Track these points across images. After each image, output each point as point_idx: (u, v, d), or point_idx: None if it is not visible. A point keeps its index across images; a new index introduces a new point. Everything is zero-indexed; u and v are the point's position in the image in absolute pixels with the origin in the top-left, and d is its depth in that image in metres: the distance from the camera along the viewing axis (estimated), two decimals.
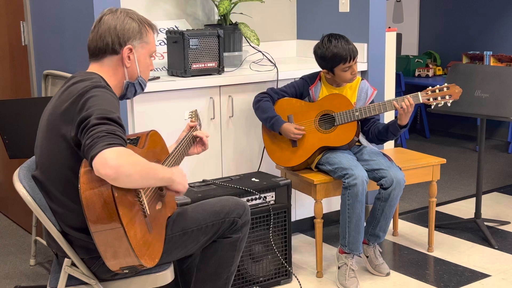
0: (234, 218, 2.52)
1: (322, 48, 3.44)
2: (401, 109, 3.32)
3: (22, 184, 2.25)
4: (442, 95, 3.35)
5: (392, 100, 3.35)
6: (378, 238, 3.51)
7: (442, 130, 7.13)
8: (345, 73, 3.43)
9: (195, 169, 3.56)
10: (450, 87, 3.36)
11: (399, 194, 3.38)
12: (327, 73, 3.49)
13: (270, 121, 3.47)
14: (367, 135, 3.56)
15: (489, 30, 6.83)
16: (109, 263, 2.14)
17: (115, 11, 2.38)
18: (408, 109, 3.31)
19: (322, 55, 3.45)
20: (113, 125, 2.08)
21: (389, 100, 3.37)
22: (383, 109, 3.38)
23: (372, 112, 3.39)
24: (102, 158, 1.98)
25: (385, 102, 3.38)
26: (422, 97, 3.34)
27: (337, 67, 3.42)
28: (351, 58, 3.40)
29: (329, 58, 3.41)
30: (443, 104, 3.38)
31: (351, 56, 3.40)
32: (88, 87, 2.20)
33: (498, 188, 5.07)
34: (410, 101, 3.31)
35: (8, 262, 3.84)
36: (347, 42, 3.42)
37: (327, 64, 3.45)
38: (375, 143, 3.58)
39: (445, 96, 3.35)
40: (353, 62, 3.41)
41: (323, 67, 3.49)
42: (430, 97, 3.35)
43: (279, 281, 3.40)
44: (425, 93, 3.36)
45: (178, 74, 3.60)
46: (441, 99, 3.35)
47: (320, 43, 3.47)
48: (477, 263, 3.68)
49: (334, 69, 3.43)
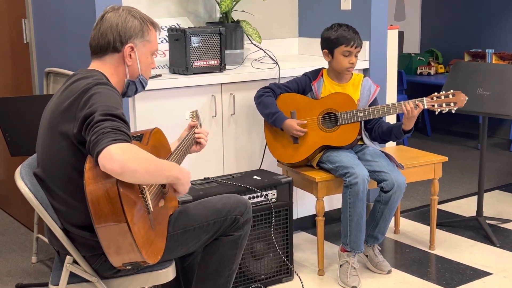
0: (235, 216, 2.52)
1: (330, 30, 3.49)
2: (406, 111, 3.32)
3: (24, 182, 2.25)
4: (447, 101, 3.35)
5: (396, 103, 3.36)
6: (376, 240, 3.51)
7: (443, 128, 7.12)
8: (343, 58, 3.45)
9: (197, 167, 3.56)
10: (455, 94, 3.35)
11: (400, 197, 3.38)
12: (326, 56, 3.51)
13: (272, 116, 3.46)
14: (370, 133, 3.56)
15: (491, 28, 6.82)
16: (112, 259, 2.14)
17: (117, 8, 2.38)
18: (413, 112, 3.31)
19: (327, 36, 3.49)
20: (118, 121, 2.08)
21: (393, 103, 3.37)
22: (387, 111, 3.38)
23: (376, 115, 3.39)
24: (108, 153, 1.98)
25: (389, 105, 3.38)
26: (427, 103, 3.35)
27: (338, 48, 3.44)
28: (354, 43, 3.43)
29: (333, 39, 3.45)
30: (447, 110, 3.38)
31: (355, 42, 3.43)
32: (90, 84, 2.20)
33: (500, 186, 5.07)
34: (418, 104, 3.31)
35: (10, 259, 3.84)
36: (356, 32, 3.47)
37: (329, 44, 3.47)
38: (378, 142, 3.58)
39: (450, 103, 3.35)
40: (354, 48, 3.43)
41: (325, 47, 3.50)
42: (435, 103, 3.35)
43: (281, 279, 3.40)
44: (430, 98, 3.36)
45: (180, 72, 3.60)
46: (445, 106, 3.35)
47: (329, 26, 3.52)
48: (478, 261, 3.68)
49: (335, 50, 3.45)
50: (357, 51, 3.46)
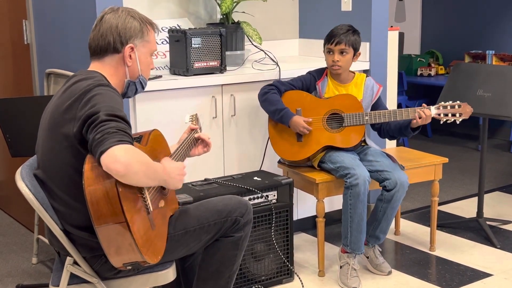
0: (236, 217, 2.53)
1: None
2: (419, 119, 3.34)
3: (24, 183, 2.25)
4: (453, 112, 3.38)
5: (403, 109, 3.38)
6: (378, 240, 3.51)
7: (444, 130, 7.12)
8: (327, 55, 3.49)
9: (197, 168, 3.56)
10: (462, 106, 3.39)
11: (402, 196, 3.38)
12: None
13: (280, 113, 3.44)
14: (378, 132, 3.59)
15: (492, 29, 6.82)
16: (112, 259, 2.14)
17: (116, 9, 2.38)
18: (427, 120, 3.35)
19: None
20: (122, 123, 2.09)
21: (400, 109, 3.39)
22: (393, 117, 3.38)
23: (382, 119, 3.39)
24: (112, 154, 1.99)
25: (396, 110, 3.40)
26: (433, 112, 3.37)
27: (325, 46, 3.49)
28: (334, 40, 3.43)
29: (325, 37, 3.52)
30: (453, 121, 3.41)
31: (335, 39, 3.43)
32: (91, 85, 2.20)
33: (500, 188, 5.07)
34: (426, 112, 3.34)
35: (10, 260, 3.84)
36: (346, 30, 3.45)
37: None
38: (387, 138, 3.61)
39: (455, 114, 3.38)
40: (334, 45, 3.43)
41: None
42: (441, 113, 3.38)
43: (281, 280, 3.40)
44: (436, 108, 3.37)
45: (180, 73, 3.60)
46: (451, 116, 3.38)
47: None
48: (479, 262, 3.68)
49: (324, 47, 3.51)
50: (339, 49, 3.43)
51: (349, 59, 3.47)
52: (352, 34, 3.45)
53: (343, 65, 3.46)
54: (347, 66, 3.49)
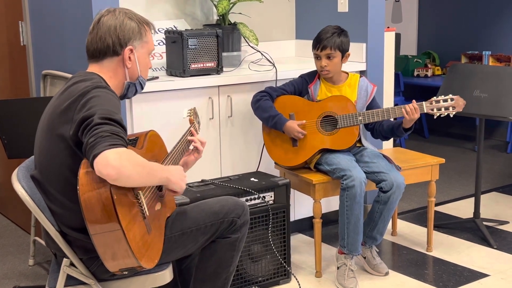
0: (233, 218, 2.52)
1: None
2: (406, 114, 3.32)
3: (21, 184, 2.25)
4: (446, 106, 3.36)
5: (396, 107, 3.36)
6: (375, 241, 3.51)
7: (441, 130, 7.13)
8: (315, 60, 3.48)
9: (194, 169, 3.54)
10: (454, 99, 3.36)
11: (399, 197, 3.38)
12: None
13: (273, 120, 3.44)
14: (371, 132, 3.58)
15: (488, 30, 6.83)
16: (108, 264, 2.14)
17: (113, 11, 2.37)
18: (413, 115, 3.31)
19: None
20: (116, 126, 2.08)
21: (393, 107, 3.38)
22: (386, 115, 3.38)
23: (376, 118, 3.38)
24: (104, 158, 1.98)
25: (389, 109, 3.38)
26: (426, 107, 3.36)
27: (312, 51, 3.47)
28: (320, 46, 3.41)
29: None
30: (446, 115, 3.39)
31: (319, 45, 3.41)
32: (89, 87, 2.20)
33: (497, 188, 5.08)
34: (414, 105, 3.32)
35: (7, 262, 3.83)
36: (331, 33, 3.41)
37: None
38: (380, 139, 3.60)
39: (448, 107, 3.36)
40: (319, 51, 3.42)
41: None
42: (434, 108, 3.36)
43: (278, 281, 3.40)
44: (429, 103, 3.36)
45: (177, 74, 3.60)
46: (444, 110, 3.36)
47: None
48: (476, 263, 3.69)
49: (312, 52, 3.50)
50: (326, 54, 3.41)
51: (337, 62, 3.44)
52: (337, 36, 3.41)
53: (332, 69, 3.44)
54: (336, 69, 3.47)
